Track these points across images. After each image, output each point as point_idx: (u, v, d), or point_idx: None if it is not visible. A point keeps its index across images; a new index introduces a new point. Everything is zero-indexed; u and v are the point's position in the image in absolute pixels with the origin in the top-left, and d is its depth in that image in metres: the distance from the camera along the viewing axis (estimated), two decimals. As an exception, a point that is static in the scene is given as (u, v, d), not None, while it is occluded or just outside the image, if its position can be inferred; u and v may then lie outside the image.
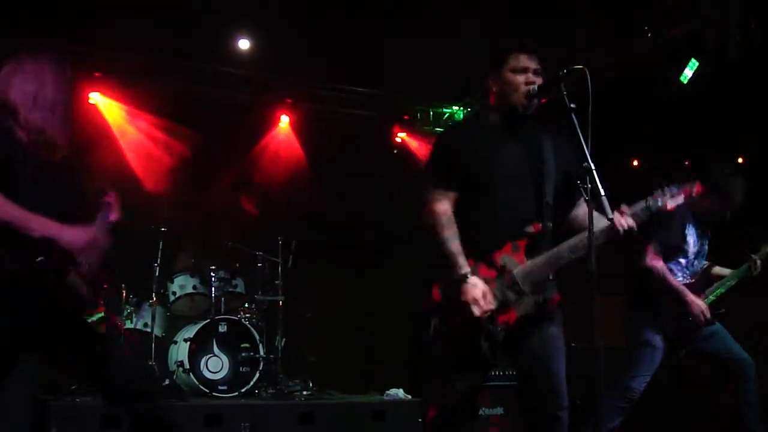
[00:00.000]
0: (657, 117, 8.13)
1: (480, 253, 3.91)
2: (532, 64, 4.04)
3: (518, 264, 3.89)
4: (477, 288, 3.80)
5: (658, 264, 5.79)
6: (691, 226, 5.90)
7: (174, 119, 9.29)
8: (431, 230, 3.96)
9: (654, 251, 5.80)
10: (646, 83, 8.16)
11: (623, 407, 5.74)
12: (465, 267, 3.84)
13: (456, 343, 3.88)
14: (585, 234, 3.69)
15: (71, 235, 3.70)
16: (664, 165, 8.00)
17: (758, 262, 5.99)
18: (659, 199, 3.96)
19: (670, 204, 3.97)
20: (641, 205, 3.95)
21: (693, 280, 5.92)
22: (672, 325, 5.76)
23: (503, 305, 3.84)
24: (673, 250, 5.88)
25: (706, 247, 6.03)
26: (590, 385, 3.70)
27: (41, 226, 3.59)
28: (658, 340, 5.77)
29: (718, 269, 6.15)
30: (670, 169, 6.08)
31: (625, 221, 3.80)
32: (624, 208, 3.87)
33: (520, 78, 4.02)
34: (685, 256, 5.91)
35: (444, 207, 3.97)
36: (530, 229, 3.92)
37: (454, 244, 3.88)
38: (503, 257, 3.91)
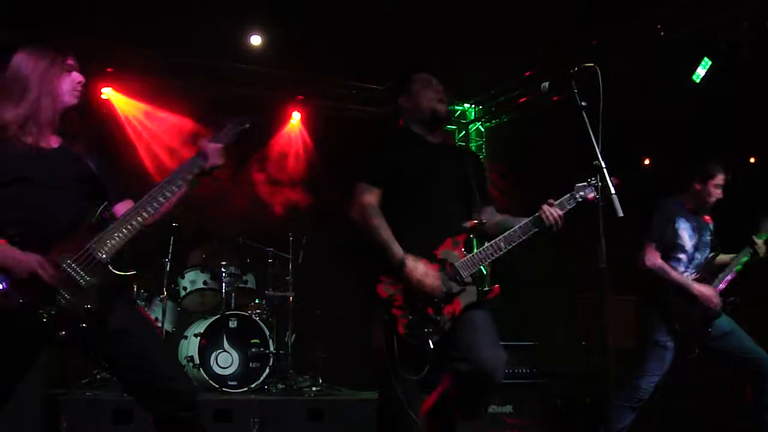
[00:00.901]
0: (669, 116, 8.11)
1: (422, 250, 4.08)
2: (434, 79, 4.50)
3: (458, 256, 4.13)
4: (419, 267, 3.99)
5: (657, 262, 5.79)
6: (681, 220, 5.88)
7: (185, 114, 9.31)
8: (361, 221, 4.18)
9: (652, 251, 5.80)
10: (658, 82, 8.15)
11: (633, 407, 5.73)
12: (400, 252, 4.03)
13: (406, 338, 4.00)
14: (518, 226, 4.15)
15: (14, 261, 3.37)
16: (676, 163, 7.99)
17: (760, 241, 5.97)
18: (582, 191, 4.20)
19: (590, 194, 4.15)
20: (567, 195, 4.22)
21: (699, 275, 5.90)
22: (683, 324, 5.73)
23: (448, 296, 4.04)
24: (669, 248, 5.87)
25: (708, 237, 5.98)
26: (601, 384, 3.70)
27: None
28: (668, 340, 5.75)
29: (723, 257, 6.12)
30: (681, 168, 6.09)
31: (553, 211, 4.13)
32: (551, 200, 4.17)
33: (430, 92, 4.44)
34: (684, 251, 5.88)
35: (371, 199, 4.21)
36: (467, 225, 4.20)
37: (386, 232, 4.10)
38: (443, 251, 4.13)
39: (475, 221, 4.23)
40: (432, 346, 3.98)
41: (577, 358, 3.81)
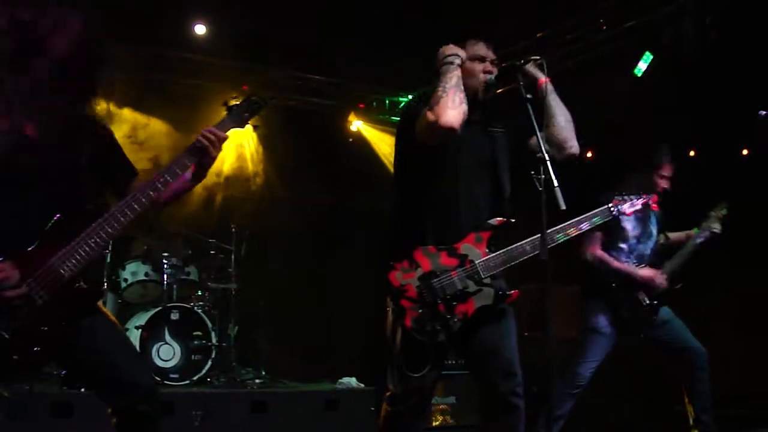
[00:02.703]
0: (611, 109, 8.19)
1: (442, 241, 3.90)
2: (490, 54, 4.07)
3: (480, 255, 3.90)
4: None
5: (597, 253, 5.83)
6: None
7: (129, 105, 9.18)
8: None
9: (592, 242, 5.84)
10: (601, 75, 8.22)
11: (572, 393, 5.80)
12: None
13: (412, 332, 3.82)
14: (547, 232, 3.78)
15: None
16: (616, 156, 8.09)
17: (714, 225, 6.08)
18: (620, 206, 4.27)
19: (629, 210, 4.30)
20: (604, 208, 4.20)
21: (644, 264, 5.93)
22: (628, 312, 5.79)
23: (462, 295, 3.84)
24: (610, 239, 5.91)
25: (653, 227, 6.03)
26: (544, 373, 3.72)
27: None
28: (607, 327, 5.82)
29: (675, 235, 6.19)
30: (622, 160, 6.16)
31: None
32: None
33: (478, 66, 4.03)
34: (625, 241, 5.92)
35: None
36: (494, 222, 3.94)
37: None
38: (465, 246, 3.90)
39: (503, 219, 3.95)
40: (436, 345, 3.82)
41: (521, 349, 3.83)
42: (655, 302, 5.82)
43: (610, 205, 4.23)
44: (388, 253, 3.93)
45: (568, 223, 4.05)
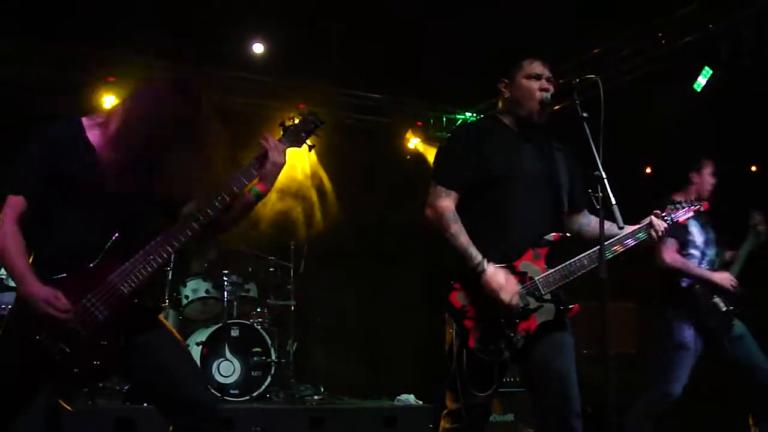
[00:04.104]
0: (670, 125, 8.12)
1: (501, 260, 3.89)
2: (546, 72, 4.10)
3: (539, 271, 3.91)
4: (498, 274, 3.80)
5: (678, 258, 5.79)
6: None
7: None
8: (437, 227, 3.94)
9: (669, 248, 5.79)
10: (659, 91, 8.15)
11: (657, 413, 5.72)
12: (479, 257, 3.82)
13: (476, 352, 3.82)
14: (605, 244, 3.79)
15: (31, 293, 3.25)
16: (676, 172, 8.00)
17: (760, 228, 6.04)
18: (672, 214, 4.24)
19: (682, 217, 4.29)
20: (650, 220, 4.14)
21: (714, 269, 5.89)
22: (712, 317, 5.72)
23: (524, 312, 3.84)
24: (681, 246, 5.87)
25: (712, 234, 6.00)
26: (600, 393, 3.69)
27: (15, 273, 3.30)
28: (694, 340, 5.73)
29: (730, 253, 6.14)
30: (681, 177, 6.12)
31: (661, 223, 4.10)
32: (657, 211, 4.18)
33: (535, 84, 4.07)
34: (695, 247, 5.90)
35: (448, 204, 3.95)
36: (551, 237, 3.95)
37: (464, 237, 3.87)
38: (524, 263, 3.92)
39: (560, 234, 3.96)
40: (502, 364, 3.82)
41: (578, 367, 3.79)
42: (731, 308, 5.74)
43: (664, 214, 4.19)
44: (448, 273, 3.94)
45: (615, 239, 4.02)
